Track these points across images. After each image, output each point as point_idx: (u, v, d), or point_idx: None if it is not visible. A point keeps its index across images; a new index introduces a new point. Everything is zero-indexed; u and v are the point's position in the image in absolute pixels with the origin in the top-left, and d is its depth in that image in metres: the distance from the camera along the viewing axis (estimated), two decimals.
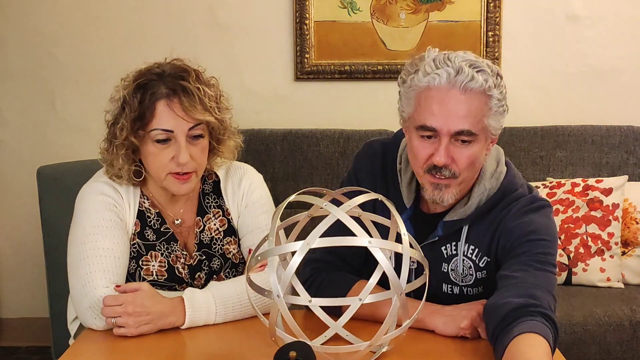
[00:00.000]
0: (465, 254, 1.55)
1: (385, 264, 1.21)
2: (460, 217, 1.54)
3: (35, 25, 3.09)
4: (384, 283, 1.35)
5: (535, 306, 1.34)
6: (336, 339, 1.42)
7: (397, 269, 1.25)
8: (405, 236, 1.26)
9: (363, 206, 1.42)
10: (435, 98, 1.43)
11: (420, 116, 1.45)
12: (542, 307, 1.34)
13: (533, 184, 2.72)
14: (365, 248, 1.22)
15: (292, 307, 1.51)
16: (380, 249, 1.22)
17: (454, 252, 1.57)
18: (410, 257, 1.26)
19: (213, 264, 1.72)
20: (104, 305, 1.48)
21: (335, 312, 1.45)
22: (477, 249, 1.55)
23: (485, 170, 1.54)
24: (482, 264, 1.55)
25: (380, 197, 1.32)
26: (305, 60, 3.06)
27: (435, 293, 1.52)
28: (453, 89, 1.42)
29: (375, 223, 1.45)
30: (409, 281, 1.28)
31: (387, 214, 1.43)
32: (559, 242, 2.62)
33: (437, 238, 1.56)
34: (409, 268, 1.32)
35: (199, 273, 1.71)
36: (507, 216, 1.52)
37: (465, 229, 1.55)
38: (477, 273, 1.56)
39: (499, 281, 1.45)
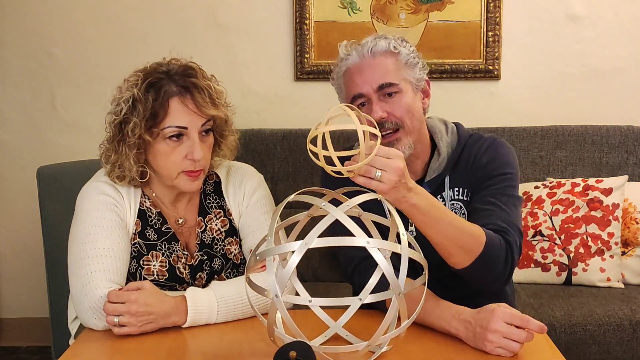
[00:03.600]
0: (454, 197, 1.71)
1: (383, 265, 1.21)
2: (439, 172, 1.71)
3: (34, 25, 3.09)
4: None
5: (500, 231, 1.57)
6: (336, 338, 1.42)
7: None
8: (404, 236, 1.25)
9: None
10: (354, 72, 1.66)
11: (349, 91, 1.67)
12: (505, 233, 1.57)
13: (533, 184, 2.75)
14: None
15: (295, 307, 1.52)
16: (379, 249, 1.22)
17: (442, 203, 1.67)
18: None
19: (214, 264, 1.72)
20: (108, 300, 1.48)
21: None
22: (462, 188, 1.71)
23: (439, 130, 1.74)
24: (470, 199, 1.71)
25: (379, 197, 1.33)
26: (305, 60, 3.06)
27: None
28: (365, 58, 1.65)
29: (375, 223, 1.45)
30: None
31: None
32: (559, 241, 2.62)
33: None
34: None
35: (200, 273, 1.71)
36: (479, 152, 1.71)
37: (447, 179, 1.71)
38: (468, 209, 1.71)
39: (472, 213, 1.65)
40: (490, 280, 1.59)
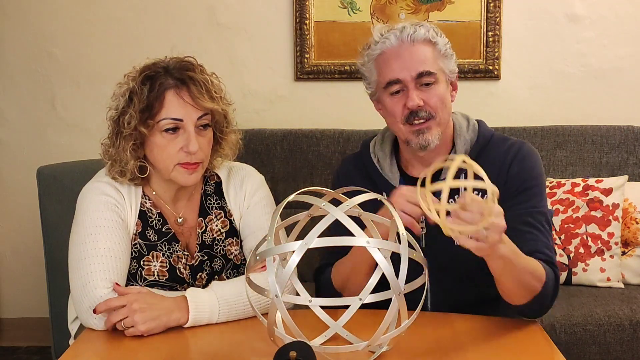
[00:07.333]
0: None
1: (383, 264, 1.21)
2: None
3: (35, 25, 3.09)
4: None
5: (549, 262, 1.55)
6: (336, 338, 1.42)
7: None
8: (404, 236, 1.25)
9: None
10: (391, 56, 1.63)
11: (384, 76, 1.64)
12: (553, 265, 1.56)
13: None
14: None
15: (295, 307, 1.52)
16: (379, 249, 1.22)
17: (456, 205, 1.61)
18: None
19: (215, 264, 1.72)
20: (110, 307, 1.48)
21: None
22: (480, 193, 1.59)
23: (459, 126, 1.71)
24: None
25: (379, 196, 1.32)
26: (305, 60, 3.06)
27: (453, 250, 1.50)
28: (403, 44, 1.62)
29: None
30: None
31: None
32: (559, 241, 2.62)
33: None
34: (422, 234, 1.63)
35: (200, 273, 1.71)
36: (507, 158, 1.66)
37: (462, 178, 1.62)
38: None
39: (513, 233, 1.48)
40: (534, 313, 1.57)
